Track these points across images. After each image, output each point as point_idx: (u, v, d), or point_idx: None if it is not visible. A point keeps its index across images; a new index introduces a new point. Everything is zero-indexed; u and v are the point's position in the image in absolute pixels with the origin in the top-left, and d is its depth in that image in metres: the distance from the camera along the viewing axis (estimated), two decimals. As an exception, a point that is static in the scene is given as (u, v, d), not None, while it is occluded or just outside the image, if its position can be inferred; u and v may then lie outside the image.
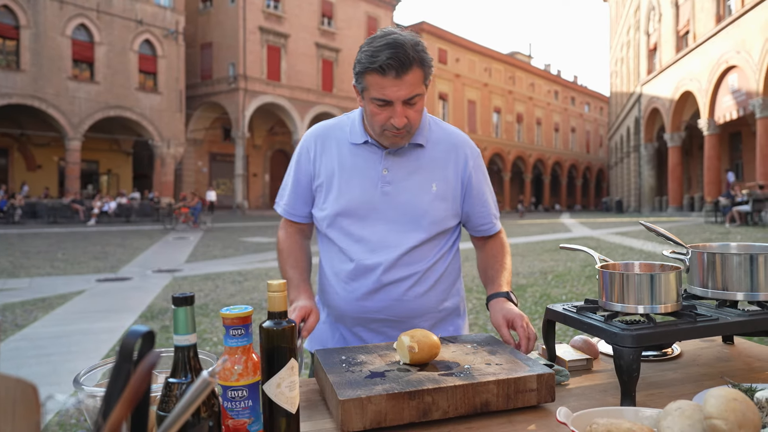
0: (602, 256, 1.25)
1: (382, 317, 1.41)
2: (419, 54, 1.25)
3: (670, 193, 26.63)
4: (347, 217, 1.39)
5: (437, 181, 1.41)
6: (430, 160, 1.42)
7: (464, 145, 1.48)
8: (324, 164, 1.43)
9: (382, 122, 1.29)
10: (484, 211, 1.50)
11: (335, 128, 1.46)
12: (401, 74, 1.22)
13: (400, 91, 1.24)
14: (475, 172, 1.47)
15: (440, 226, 1.42)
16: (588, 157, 63.73)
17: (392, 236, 1.38)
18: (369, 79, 1.25)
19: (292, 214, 1.49)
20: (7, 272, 9.77)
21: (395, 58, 1.21)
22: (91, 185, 30.18)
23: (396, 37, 1.24)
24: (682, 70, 23.86)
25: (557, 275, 8.20)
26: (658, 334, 1.03)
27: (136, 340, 0.54)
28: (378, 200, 1.38)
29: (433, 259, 1.43)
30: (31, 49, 23.97)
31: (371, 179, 1.39)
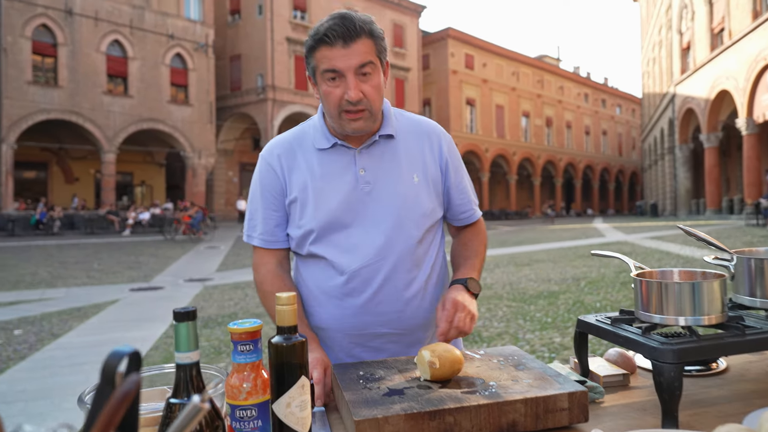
0: (638, 263, 1.17)
1: (384, 331, 1.30)
2: (368, 26, 1.20)
3: (707, 196, 25.82)
4: (331, 228, 1.28)
5: (417, 172, 1.32)
6: (405, 151, 1.33)
7: (435, 131, 1.40)
8: (294, 178, 1.31)
9: (338, 100, 1.20)
10: (464, 198, 1.42)
11: (297, 138, 1.35)
12: (349, 42, 1.17)
13: (351, 60, 1.17)
14: (451, 158, 1.39)
15: (431, 219, 1.34)
16: (620, 160, 62.44)
17: (384, 238, 1.28)
18: (318, 55, 1.20)
19: (271, 242, 1.35)
20: (45, 282, 10.05)
21: (341, 25, 1.17)
22: (126, 196, 30.93)
23: (343, 12, 1.21)
24: (717, 69, 23.17)
25: (590, 282, 7.98)
26: (703, 348, 0.94)
27: (119, 361, 0.49)
28: (361, 203, 1.28)
29: (430, 259, 1.35)
30: (68, 66, 24.78)
31: (349, 182, 1.28)
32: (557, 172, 52.03)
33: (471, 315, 1.21)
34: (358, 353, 1.32)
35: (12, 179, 23.61)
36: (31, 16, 23.66)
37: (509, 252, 14.21)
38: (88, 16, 25.31)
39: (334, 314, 1.31)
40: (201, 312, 7.05)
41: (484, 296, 7.24)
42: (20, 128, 23.41)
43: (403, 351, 1.33)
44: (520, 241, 18.05)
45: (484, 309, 6.38)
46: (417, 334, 1.33)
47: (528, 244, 16.88)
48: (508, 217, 43.03)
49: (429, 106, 41.81)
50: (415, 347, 1.33)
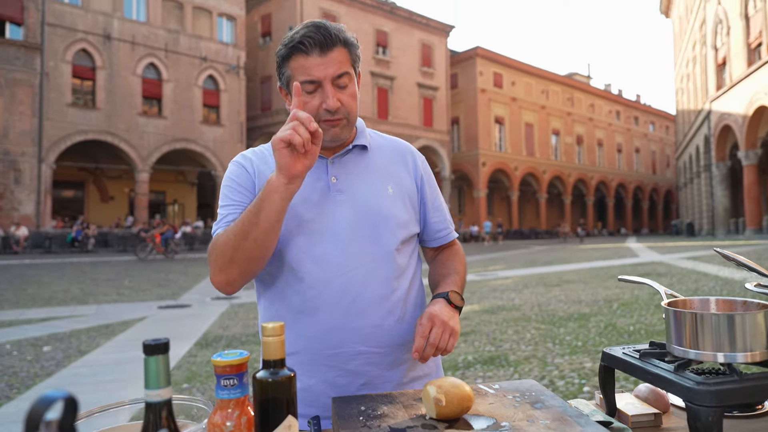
0: (669, 291, 1.06)
1: (361, 349, 1.19)
2: (343, 34, 1.18)
3: (747, 215, 24.96)
4: (299, 233, 1.20)
5: (392, 183, 1.28)
6: (379, 163, 1.30)
7: (409, 150, 1.38)
8: (264, 182, 1.20)
9: (315, 110, 1.16)
10: (440, 216, 1.37)
11: (269, 149, 1.29)
12: (326, 51, 1.14)
13: (328, 69, 1.15)
14: (426, 175, 1.36)
15: (407, 230, 1.27)
16: (654, 178, 61.09)
17: (356, 249, 1.20)
18: (293, 64, 1.16)
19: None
20: (77, 299, 10.23)
21: (317, 33, 1.14)
22: (159, 215, 31.60)
23: (316, 21, 1.18)
24: (755, 84, 22.54)
25: (623, 303, 7.70)
26: (746, 390, 0.83)
27: (46, 408, 0.43)
28: (332, 210, 1.21)
29: (408, 274, 1.28)
30: (105, 88, 25.64)
31: (320, 190, 1.22)
32: (588, 191, 51.18)
33: (451, 330, 1.13)
34: (332, 378, 1.20)
35: (50, 198, 24.38)
36: (72, 41, 24.64)
37: (538, 272, 13.91)
38: (126, 41, 26.21)
39: (305, 333, 1.20)
40: (225, 331, 7.05)
41: (511, 318, 7.05)
42: (59, 149, 24.24)
43: (383, 374, 1.22)
44: (549, 261, 17.68)
45: (511, 331, 6.20)
46: (396, 353, 1.23)
47: (558, 263, 16.51)
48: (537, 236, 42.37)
49: (457, 125, 41.77)
50: (395, 370, 1.23)
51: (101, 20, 25.50)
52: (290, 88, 1.19)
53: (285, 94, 1.24)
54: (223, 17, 30.01)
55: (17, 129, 23.03)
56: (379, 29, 35.35)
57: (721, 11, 26.76)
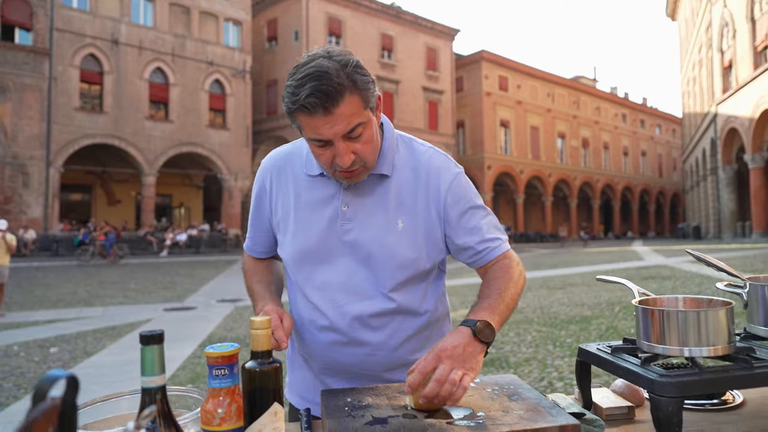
0: (642, 290, 1.11)
1: (353, 370, 1.26)
2: (350, 77, 1.04)
3: (754, 218, 24.85)
4: (306, 260, 1.23)
5: (405, 216, 1.20)
6: (397, 191, 1.21)
7: (436, 168, 1.23)
8: (281, 199, 1.27)
9: (328, 162, 1.11)
10: (471, 240, 1.22)
11: (292, 156, 1.29)
12: (331, 108, 1.02)
13: (336, 127, 1.05)
14: (453, 196, 1.21)
15: (410, 269, 1.20)
16: (661, 182, 60.86)
17: (357, 281, 1.20)
18: (299, 118, 1.06)
19: (254, 251, 1.39)
20: (84, 302, 10.33)
21: (318, 91, 1.01)
22: (165, 218, 31.78)
23: (319, 64, 1.03)
24: (762, 87, 22.47)
25: (625, 306, 7.72)
26: (705, 381, 0.88)
27: (51, 385, 0.48)
28: (337, 241, 1.20)
29: (408, 310, 1.23)
30: (113, 93, 25.87)
31: (329, 217, 1.20)
32: (594, 194, 51.05)
33: (462, 373, 0.97)
34: (329, 382, 1.29)
35: (58, 201, 24.59)
36: (80, 46, 24.88)
37: (542, 275, 13.92)
38: (133, 45, 26.45)
39: (307, 341, 1.28)
40: (230, 332, 7.12)
41: (513, 320, 7.09)
42: (67, 152, 24.46)
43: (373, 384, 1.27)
44: (554, 264, 17.67)
45: (513, 334, 6.23)
46: (388, 375, 1.26)
47: (562, 267, 16.51)
48: (543, 239, 42.30)
49: (462, 128, 41.81)
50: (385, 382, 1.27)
51: (109, 25, 25.74)
52: (303, 133, 1.12)
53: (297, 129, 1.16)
54: (229, 22, 30.22)
55: (26, 133, 23.27)
56: (385, 33, 35.48)
57: (727, 14, 26.71)
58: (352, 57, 1.08)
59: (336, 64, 1.04)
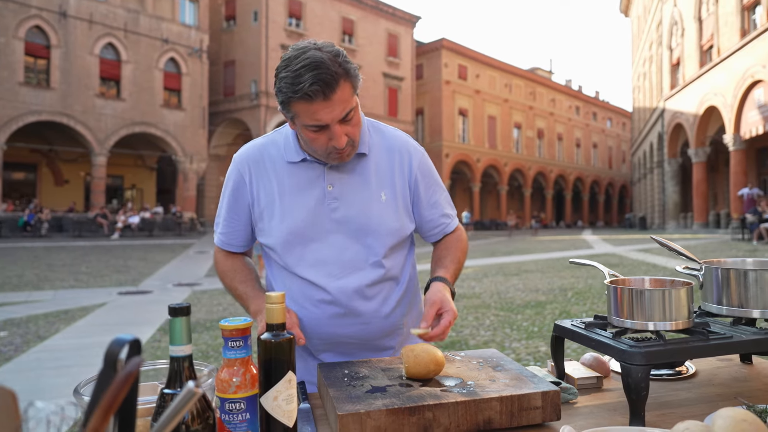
0: (612, 271, 1.22)
1: (350, 341, 1.34)
2: (343, 66, 1.14)
3: (695, 210, 26.12)
4: (297, 241, 1.30)
5: (386, 189, 1.33)
6: (375, 168, 1.33)
7: (406, 147, 1.39)
8: (262, 189, 1.32)
9: (323, 145, 1.20)
10: (436, 212, 1.41)
11: (268, 147, 1.35)
12: (329, 95, 1.12)
13: (334, 112, 1.15)
14: (421, 173, 1.38)
15: (397, 236, 1.34)
16: (610, 173, 63.01)
17: (350, 254, 1.31)
18: (297, 107, 1.15)
19: (228, 244, 1.40)
20: (32, 285, 9.97)
21: (319, 80, 1.10)
22: (116, 200, 30.76)
23: (313, 56, 1.11)
24: (706, 85, 23.53)
25: (577, 292, 8.06)
26: (668, 351, 0.99)
27: (121, 348, 0.54)
28: (327, 218, 1.30)
29: (396, 275, 1.37)
30: (60, 68, 24.70)
31: (316, 197, 1.29)
32: (548, 184, 52.40)
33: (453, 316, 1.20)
34: (325, 357, 1.36)
35: (0, 180, 23.43)
36: (25, 17, 23.60)
37: (498, 262, 14.29)
38: (83, 19, 25.28)
39: (304, 319, 1.34)
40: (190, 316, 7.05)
41: (471, 305, 7.30)
42: (10, 129, 23.27)
43: (369, 355, 1.38)
44: (509, 252, 18.15)
45: (471, 317, 6.43)
46: (383, 341, 1.37)
47: (517, 254, 16.98)
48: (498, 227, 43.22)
49: (422, 116, 42.03)
50: (383, 353, 1.39)
51: (56, -4, 24.50)
52: (295, 121, 1.21)
53: (290, 122, 1.24)
54: (185, -2, 29.28)
55: (-35, 107, 22.00)
56: (346, 17, 35.15)
57: (677, 13, 27.75)
58: (339, 48, 1.17)
59: (329, 55, 1.13)
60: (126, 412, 0.57)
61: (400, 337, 1.41)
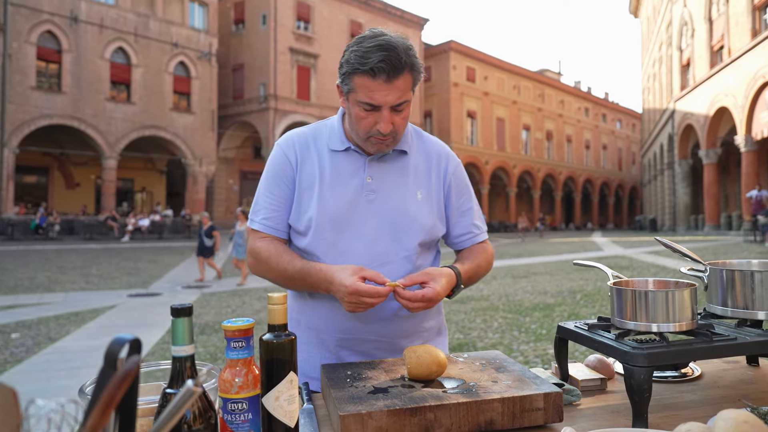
0: (615, 273, 1.22)
1: (370, 338, 1.33)
2: (411, 59, 1.20)
3: (706, 212, 25.89)
4: (329, 226, 1.30)
5: (421, 189, 1.36)
6: (414, 167, 1.37)
7: (445, 154, 1.43)
8: (305, 172, 1.34)
9: (368, 127, 1.24)
10: (464, 221, 1.43)
11: (313, 135, 1.38)
12: (392, 78, 1.17)
13: (389, 96, 1.19)
14: (455, 180, 1.42)
15: (430, 234, 1.35)
16: (620, 175, 62.63)
17: (380, 247, 1.31)
18: (357, 81, 1.19)
19: (274, 228, 1.35)
20: (43, 287, 10.07)
21: (387, 60, 1.16)
22: (126, 203, 31.00)
23: (388, 39, 1.18)
24: (716, 86, 23.34)
25: (586, 294, 8.02)
26: (671, 353, 0.99)
27: (121, 347, 0.54)
28: (362, 208, 1.31)
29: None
30: (72, 72, 24.97)
31: (354, 187, 1.31)
32: (557, 186, 52.17)
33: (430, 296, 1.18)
34: (344, 356, 1.34)
35: (13, 184, 23.70)
36: (37, 22, 23.89)
37: (507, 264, 14.24)
38: (93, 24, 25.55)
39: (325, 316, 1.33)
40: (198, 319, 7.08)
41: (480, 307, 7.28)
42: (23, 133, 23.55)
43: (390, 356, 1.36)
44: (518, 254, 18.09)
45: (479, 320, 6.41)
46: (403, 342, 1.35)
47: (526, 256, 16.92)
48: (507, 229, 43.09)
49: (430, 118, 42.03)
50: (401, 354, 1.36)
51: (68, 1, 24.78)
52: (348, 96, 1.24)
53: (341, 94, 1.28)
54: (194, 3, 29.51)
55: (-22, 112, 22.29)
56: (354, 20, 35.25)
57: (687, 13, 27.57)
58: (411, 44, 1.23)
59: (402, 44, 1.20)
60: (126, 411, 0.58)
61: (420, 341, 1.39)
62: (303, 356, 1.36)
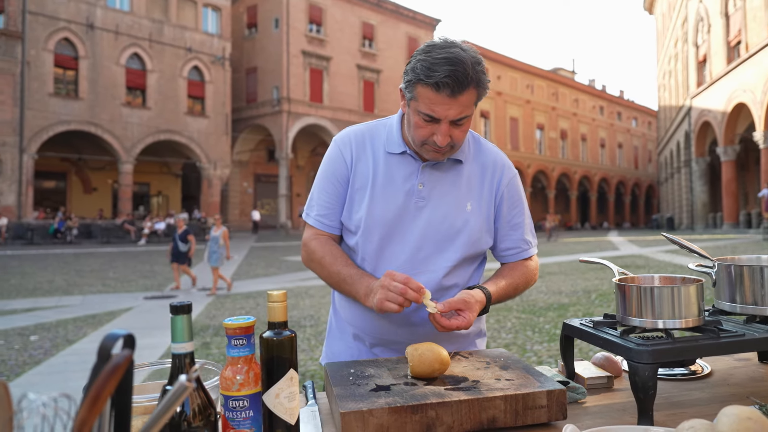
0: (621, 270, 1.20)
1: (399, 340, 1.34)
2: (478, 75, 1.17)
3: (724, 210, 25.51)
4: (377, 229, 1.31)
5: (472, 200, 1.34)
6: (467, 177, 1.35)
7: (501, 164, 1.40)
8: (360, 170, 1.34)
9: (424, 137, 1.23)
10: (513, 235, 1.40)
11: (370, 134, 1.38)
12: (456, 94, 1.16)
13: (451, 111, 1.18)
14: (509, 192, 1.38)
15: (475, 247, 1.34)
16: (636, 173, 61.94)
17: (423, 255, 1.31)
18: (420, 90, 1.18)
19: (328, 225, 1.37)
20: (62, 290, 10.22)
21: (453, 76, 1.13)
22: (143, 206, 31.35)
23: (457, 53, 1.15)
24: (734, 82, 23.00)
25: (601, 294, 7.94)
26: (677, 349, 0.97)
27: (114, 342, 0.55)
28: (411, 215, 1.31)
29: (462, 283, 1.37)
30: (88, 78, 25.33)
31: (405, 192, 1.31)
32: (572, 185, 51.75)
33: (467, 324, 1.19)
34: (377, 352, 1.38)
35: (32, 189, 24.09)
36: (54, 29, 24.28)
37: (521, 264, 14.14)
38: (109, 30, 25.90)
39: (361, 313, 1.37)
40: (212, 321, 7.14)
41: (493, 308, 7.23)
42: (41, 139, 23.94)
43: None
44: (533, 254, 17.95)
45: (493, 320, 6.38)
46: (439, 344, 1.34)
47: (541, 256, 16.80)
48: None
49: (443, 119, 41.93)
50: None
51: (84, 9, 25.15)
52: (410, 103, 1.23)
53: (403, 97, 1.28)
54: (208, 8, 29.77)
55: (-2, 118, 22.70)
56: (366, 22, 35.31)
57: (703, 9, 27.20)
58: (481, 57, 1.21)
59: (471, 59, 1.17)
60: (121, 405, 0.59)
61: (459, 344, 1.40)
62: (341, 348, 1.43)
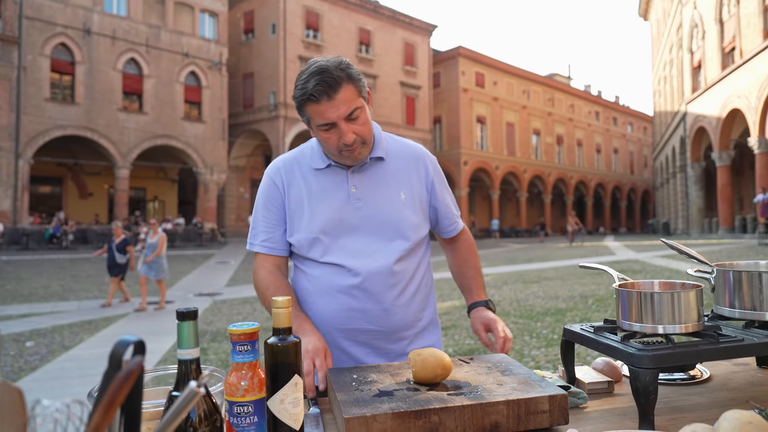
0: (621, 275, 1.22)
1: (370, 328, 1.42)
2: (345, 72, 1.30)
3: (720, 215, 25.59)
4: (324, 238, 1.42)
5: (404, 190, 1.47)
6: (393, 171, 1.48)
7: (422, 154, 1.55)
8: (293, 192, 1.46)
9: (335, 143, 1.34)
10: (448, 213, 1.58)
11: (297, 158, 1.50)
12: (333, 95, 1.28)
13: (339, 110, 1.29)
14: (437, 178, 1.55)
15: (418, 232, 1.47)
16: (632, 179, 62.13)
17: (374, 246, 1.42)
18: (308, 109, 1.31)
19: (274, 248, 1.49)
20: (58, 296, 10.18)
21: (323, 82, 1.27)
22: (139, 211, 31.27)
23: (320, 64, 1.30)
24: (728, 88, 23.13)
25: (598, 299, 7.95)
26: (677, 354, 0.98)
27: (125, 348, 0.55)
28: (352, 216, 1.43)
29: (412, 269, 1.48)
30: (85, 83, 25.30)
31: (341, 198, 1.43)
32: (568, 190, 51.87)
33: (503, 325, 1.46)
34: (346, 346, 1.44)
35: (28, 194, 24.00)
36: (51, 35, 24.26)
37: (518, 269, 14.17)
38: (106, 35, 25.89)
39: (329, 309, 1.43)
40: (209, 326, 7.12)
41: (491, 313, 7.24)
42: (37, 144, 23.87)
43: (387, 346, 1.45)
44: (529, 259, 17.99)
45: (490, 325, 6.38)
46: (401, 332, 1.46)
47: (537, 261, 16.82)
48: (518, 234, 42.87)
49: (439, 124, 42.03)
50: (399, 343, 1.46)
51: (81, 14, 25.14)
52: (311, 125, 1.36)
53: (310, 129, 1.40)
54: (205, 13, 29.80)
55: (-6, 123, 22.62)
56: (362, 28, 35.41)
57: (697, 15, 27.38)
58: (344, 59, 1.35)
59: (333, 63, 1.31)
60: (131, 411, 0.59)
61: (416, 330, 1.50)
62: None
